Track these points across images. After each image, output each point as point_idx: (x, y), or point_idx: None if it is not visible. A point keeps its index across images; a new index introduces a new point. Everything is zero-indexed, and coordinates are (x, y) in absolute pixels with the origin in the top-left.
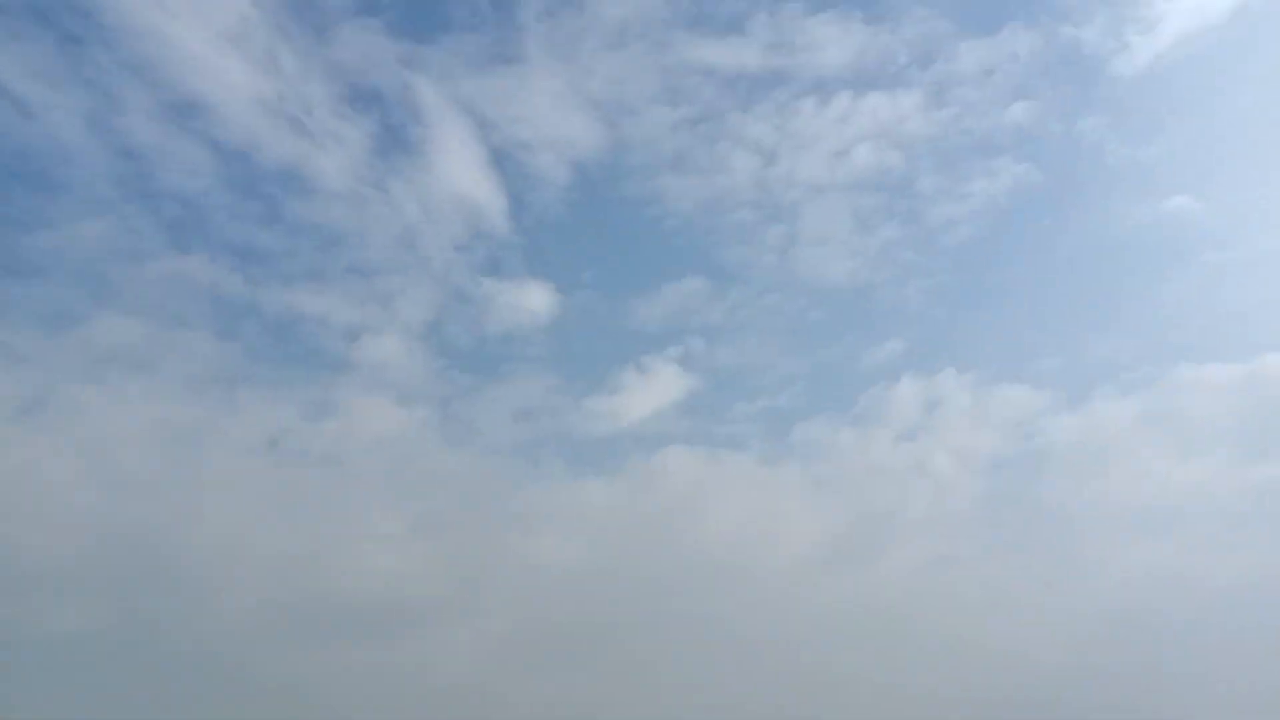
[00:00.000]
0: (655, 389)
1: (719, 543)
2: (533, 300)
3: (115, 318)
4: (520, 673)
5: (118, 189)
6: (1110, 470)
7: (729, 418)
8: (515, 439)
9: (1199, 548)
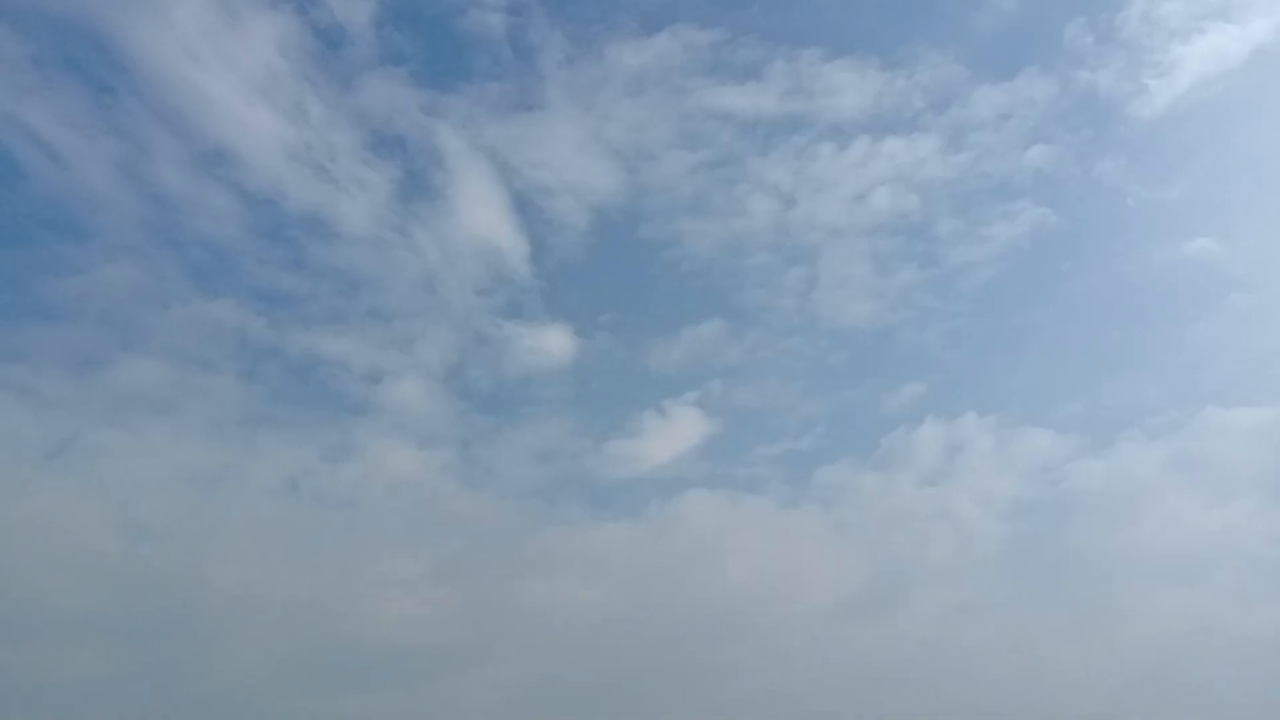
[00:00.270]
0: (675, 432)
1: (738, 588)
2: (552, 343)
3: (140, 361)
4: None
5: (146, 235)
6: (1137, 517)
7: (749, 461)
8: (534, 482)
9: (1230, 596)
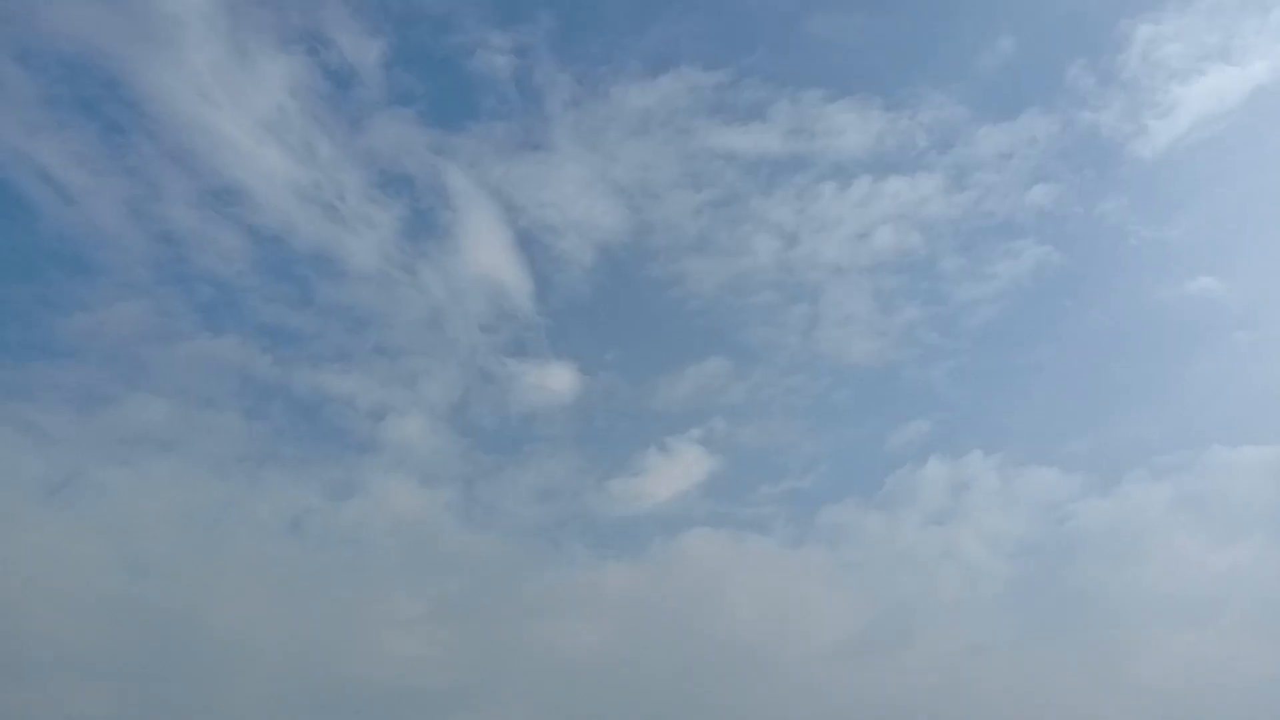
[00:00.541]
0: (678, 470)
1: (743, 629)
2: (556, 381)
3: (144, 398)
4: None
5: (154, 272)
6: (1145, 556)
7: (753, 500)
8: (537, 520)
9: (1238, 637)
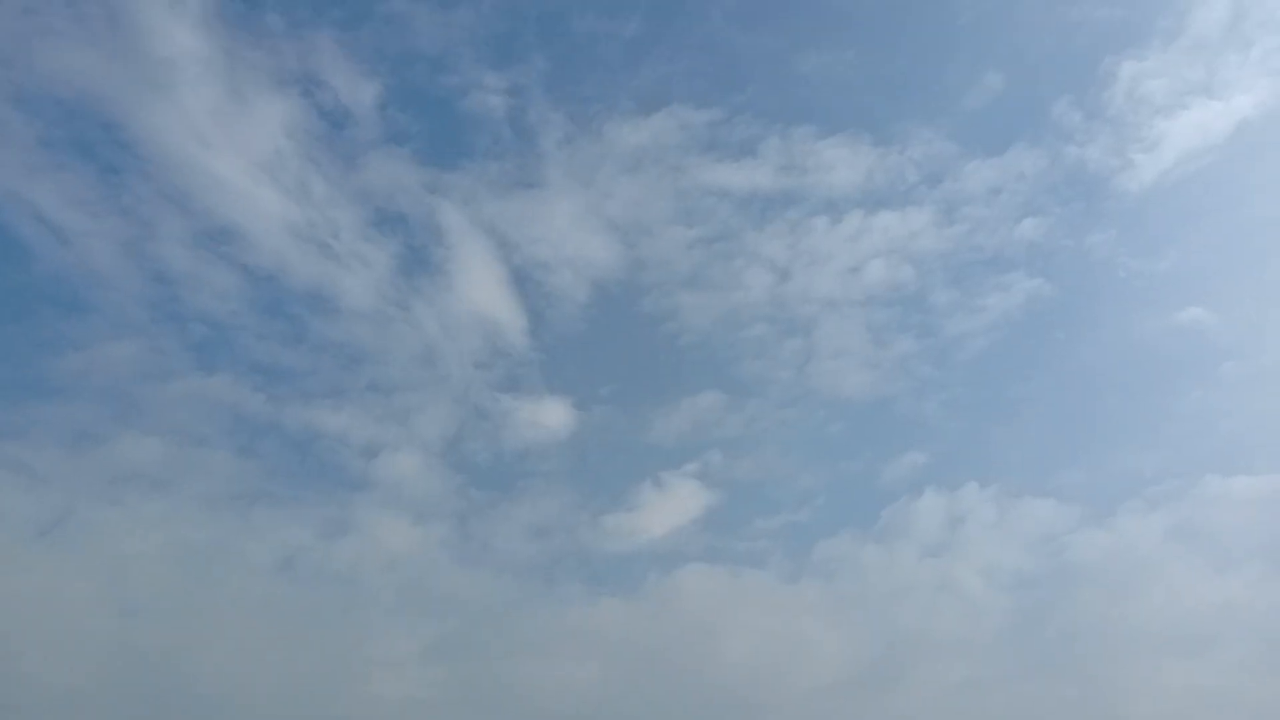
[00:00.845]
0: (673, 505)
1: (739, 665)
2: (550, 416)
3: (137, 437)
4: None
5: (147, 312)
6: (1141, 588)
7: (749, 534)
8: (531, 557)
9: (1236, 669)
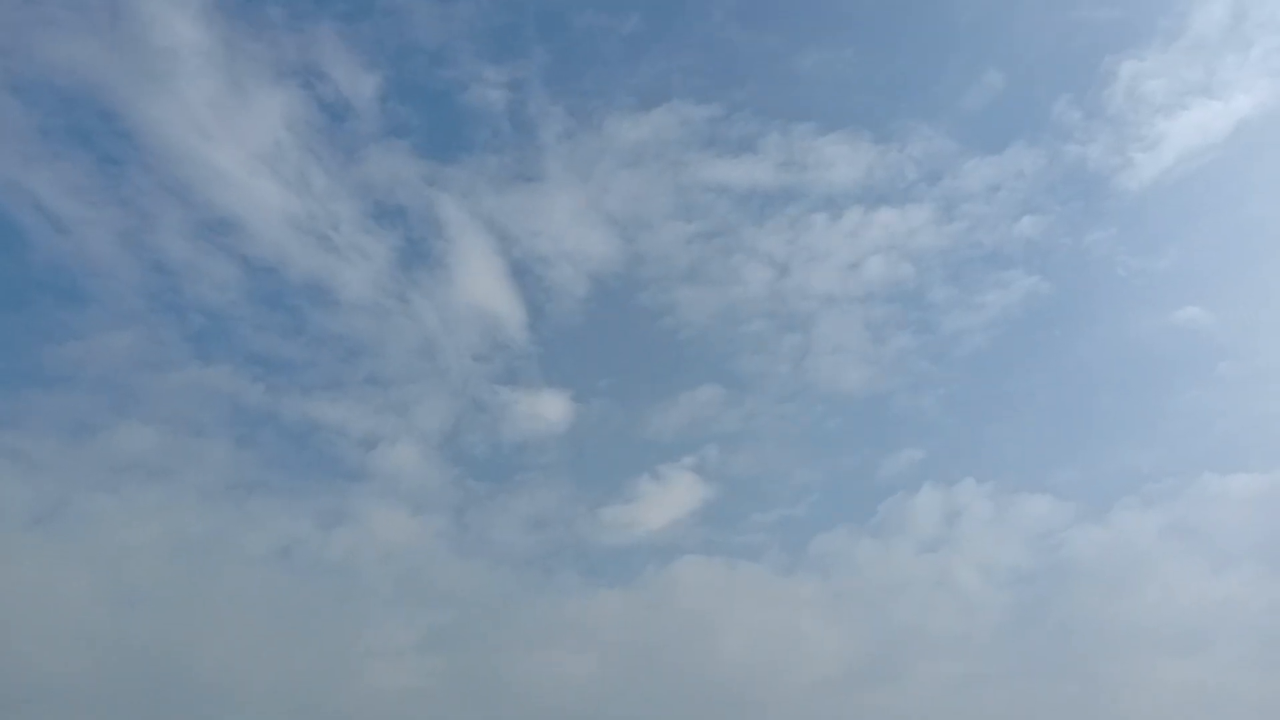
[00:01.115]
0: (671, 498)
1: (735, 658)
2: (549, 409)
3: (134, 427)
4: None
5: (146, 302)
6: (1138, 585)
7: (745, 527)
8: (528, 549)
9: (1232, 667)
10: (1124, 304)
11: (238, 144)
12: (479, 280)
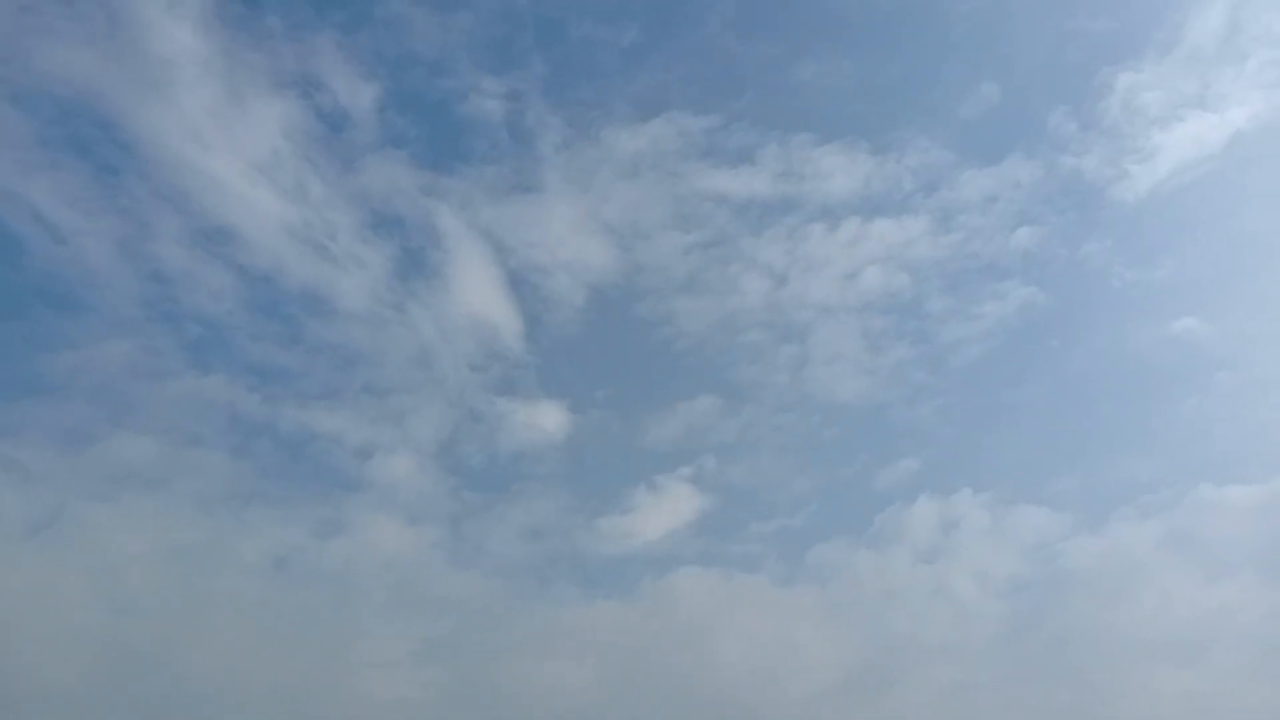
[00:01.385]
0: (668, 508)
1: (732, 669)
2: (546, 419)
3: (130, 436)
4: None
5: (143, 311)
6: (1134, 595)
7: (743, 538)
8: (525, 560)
9: (1228, 677)
10: (1120, 315)
11: (235, 153)
12: (476, 290)
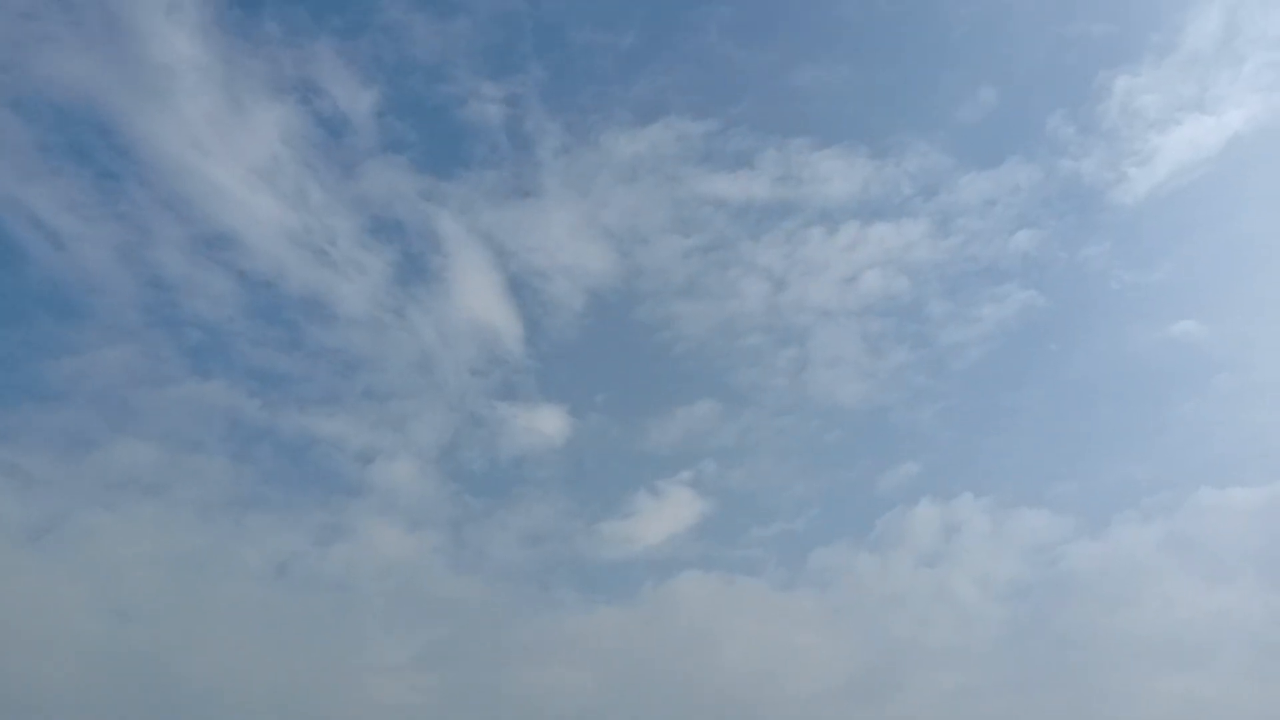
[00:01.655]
0: (668, 512)
1: (734, 673)
2: (546, 424)
3: (131, 442)
4: None
5: (143, 317)
6: (1135, 598)
7: (743, 542)
8: (525, 565)
9: (1230, 680)
10: (1119, 317)
11: (235, 159)
12: (476, 295)
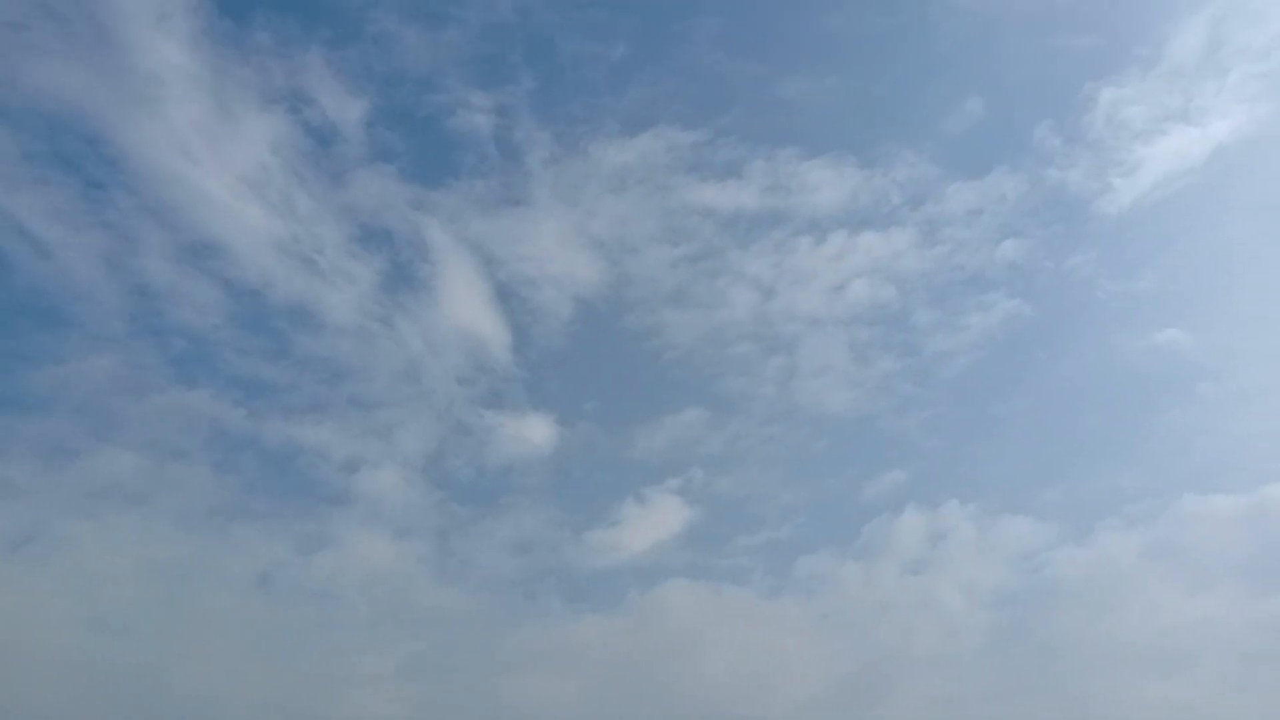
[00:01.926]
0: (655, 521)
1: (720, 681)
2: (533, 432)
3: (113, 451)
4: None
5: (127, 325)
6: (1119, 605)
7: (730, 550)
8: (512, 574)
9: (1212, 686)
10: (1105, 326)
11: (223, 168)
12: (464, 303)
